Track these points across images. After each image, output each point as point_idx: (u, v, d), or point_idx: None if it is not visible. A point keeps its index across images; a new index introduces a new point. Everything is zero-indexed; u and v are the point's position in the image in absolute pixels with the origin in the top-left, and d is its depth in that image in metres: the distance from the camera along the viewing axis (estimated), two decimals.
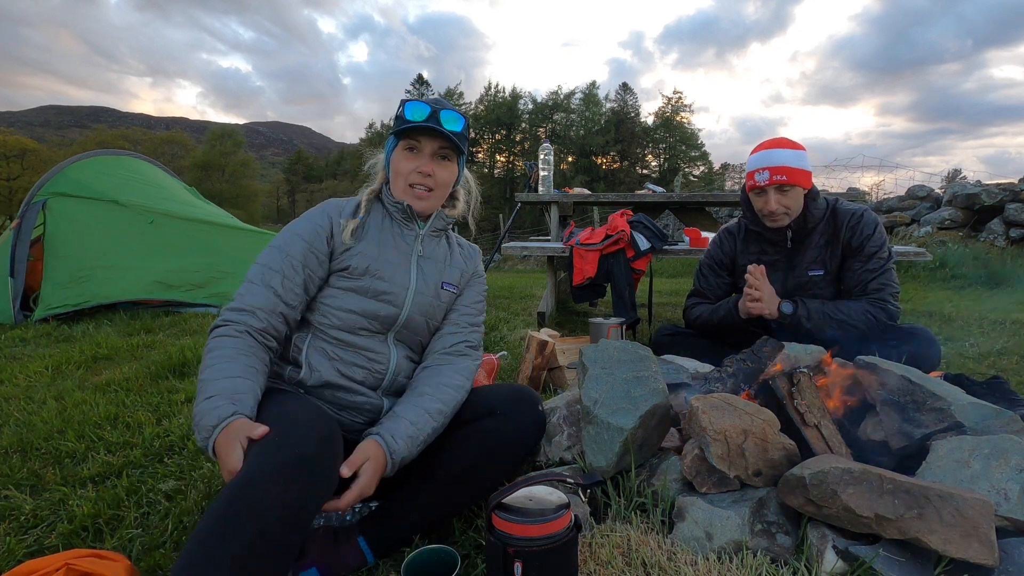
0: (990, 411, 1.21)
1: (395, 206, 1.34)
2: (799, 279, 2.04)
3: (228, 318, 1.17)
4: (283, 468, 0.88)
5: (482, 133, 50.96)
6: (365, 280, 1.28)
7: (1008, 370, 2.47)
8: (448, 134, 1.26)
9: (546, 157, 4.18)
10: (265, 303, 1.19)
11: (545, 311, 3.54)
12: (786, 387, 1.32)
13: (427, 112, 1.26)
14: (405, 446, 1.12)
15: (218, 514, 0.83)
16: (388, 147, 1.38)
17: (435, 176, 1.31)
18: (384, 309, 1.29)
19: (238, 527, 0.82)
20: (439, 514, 1.20)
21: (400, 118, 1.28)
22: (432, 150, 1.30)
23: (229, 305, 1.20)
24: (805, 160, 1.93)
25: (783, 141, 1.96)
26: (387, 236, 1.34)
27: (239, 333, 1.15)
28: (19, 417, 1.96)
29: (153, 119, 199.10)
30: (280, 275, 1.22)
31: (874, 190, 14.05)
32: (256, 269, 1.24)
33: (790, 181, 1.89)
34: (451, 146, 1.31)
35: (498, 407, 1.26)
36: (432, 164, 1.30)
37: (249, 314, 1.17)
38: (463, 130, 1.30)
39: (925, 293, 5.42)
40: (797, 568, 0.99)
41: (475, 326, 1.43)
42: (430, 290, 1.35)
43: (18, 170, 39.15)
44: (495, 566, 0.91)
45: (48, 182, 4.33)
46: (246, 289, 1.21)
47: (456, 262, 1.44)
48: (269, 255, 1.25)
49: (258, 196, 50.31)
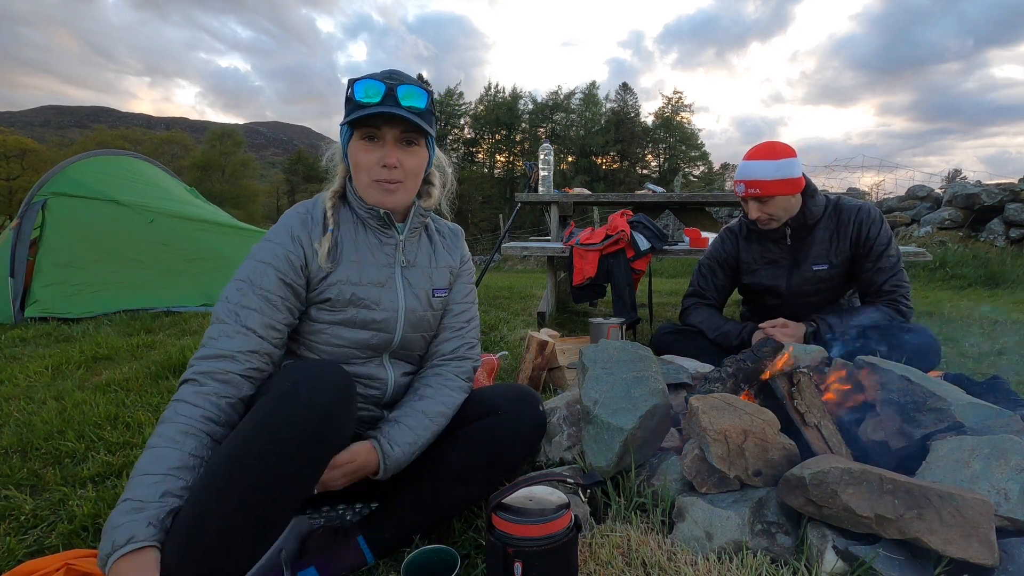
0: (990, 411, 1.21)
1: (369, 213, 1.19)
2: (804, 274, 2.06)
3: (202, 370, 1.02)
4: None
5: (482, 133, 50.94)
6: (350, 311, 1.17)
7: (1008, 370, 2.46)
8: (409, 117, 1.09)
9: (546, 157, 4.18)
10: (244, 345, 1.05)
11: (545, 311, 3.54)
12: (786, 387, 1.32)
13: (382, 91, 1.08)
14: (402, 452, 1.13)
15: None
16: (343, 137, 1.18)
17: (403, 166, 1.14)
18: (376, 337, 1.20)
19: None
20: (439, 514, 1.19)
21: (350, 100, 1.10)
22: (395, 136, 1.12)
23: (200, 352, 1.05)
24: (787, 168, 1.91)
25: (764, 150, 1.95)
26: (364, 251, 1.19)
27: (204, 397, 1.00)
28: (19, 417, 1.96)
29: (153, 119, 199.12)
30: (256, 312, 1.08)
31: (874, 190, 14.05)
32: (225, 307, 1.08)
33: (764, 193, 1.92)
34: (416, 128, 1.13)
35: (498, 407, 1.26)
36: (397, 152, 1.13)
37: (225, 359, 1.03)
38: (428, 105, 1.13)
39: (925, 293, 5.42)
40: (797, 568, 0.99)
41: (470, 322, 1.36)
42: (421, 304, 1.25)
43: (18, 170, 39.14)
44: (495, 566, 0.91)
45: (48, 182, 4.33)
46: (218, 331, 1.06)
47: (442, 259, 1.32)
48: (239, 291, 1.09)
49: (258, 196, 50.30)
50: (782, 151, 1.94)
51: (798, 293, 2.09)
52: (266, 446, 0.90)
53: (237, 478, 0.88)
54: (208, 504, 0.88)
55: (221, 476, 0.89)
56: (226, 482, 0.88)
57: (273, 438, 0.90)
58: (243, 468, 0.89)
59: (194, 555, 0.85)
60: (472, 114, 51.33)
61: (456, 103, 50.35)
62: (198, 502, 0.89)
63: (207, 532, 0.86)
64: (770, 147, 1.96)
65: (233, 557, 0.89)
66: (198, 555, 0.85)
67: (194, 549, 0.85)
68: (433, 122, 1.18)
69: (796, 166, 1.94)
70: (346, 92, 1.12)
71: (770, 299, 2.18)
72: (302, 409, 0.92)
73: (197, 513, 0.87)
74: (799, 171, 1.94)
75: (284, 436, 0.91)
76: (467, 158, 50.19)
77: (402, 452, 1.13)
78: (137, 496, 0.88)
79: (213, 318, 1.10)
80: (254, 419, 0.93)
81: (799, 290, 2.07)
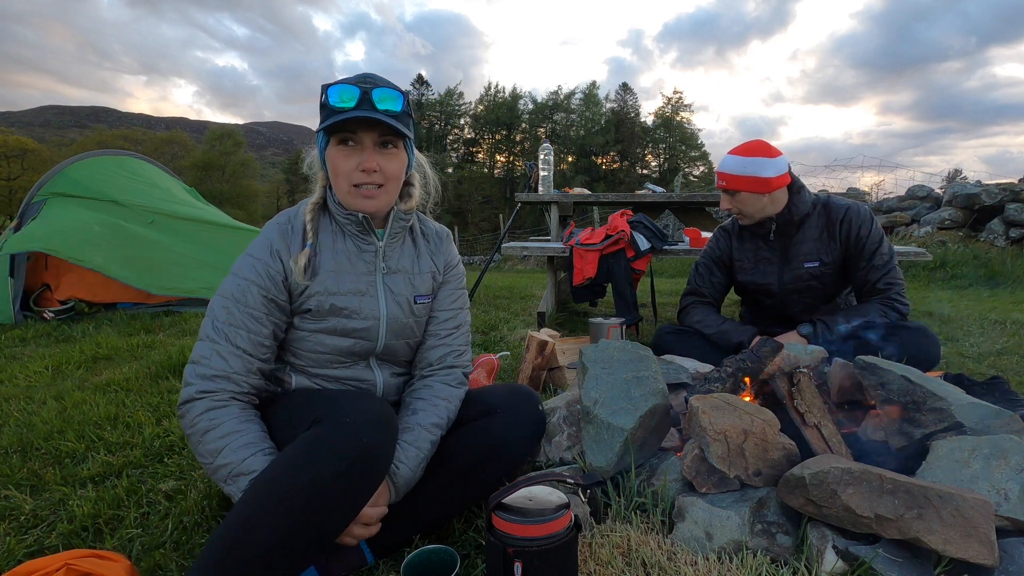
0: (990, 411, 1.21)
1: (347, 218, 1.17)
2: (796, 272, 2.08)
3: (205, 388, 1.06)
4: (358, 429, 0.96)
5: (482, 133, 50.94)
6: (331, 320, 1.18)
7: (1008, 370, 2.46)
8: (386, 120, 1.07)
9: (546, 157, 4.18)
10: (238, 366, 1.09)
11: (545, 311, 3.54)
12: (786, 387, 1.32)
13: (356, 95, 1.07)
14: (408, 470, 1.13)
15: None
16: (320, 144, 1.18)
17: (382, 170, 1.13)
18: (358, 345, 1.22)
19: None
20: (439, 514, 1.19)
21: (325, 106, 1.08)
22: (372, 140, 1.11)
23: (197, 370, 1.08)
24: (753, 166, 1.94)
25: (743, 146, 2.02)
26: (343, 260, 1.19)
27: (225, 402, 1.06)
28: (19, 417, 1.96)
29: (153, 119, 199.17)
30: (244, 330, 1.11)
31: (874, 190, 14.03)
32: (213, 325, 1.11)
33: (730, 187, 2.01)
34: (393, 131, 1.12)
35: (498, 407, 1.26)
36: (375, 157, 1.11)
37: (224, 379, 1.08)
38: (404, 108, 1.11)
39: (925, 293, 5.42)
40: (797, 568, 0.99)
41: (457, 328, 1.34)
42: (403, 311, 1.25)
43: (18, 170, 39.14)
44: (495, 566, 0.91)
45: (48, 182, 4.33)
46: (209, 350, 1.09)
47: (424, 264, 1.30)
48: (224, 308, 1.11)
49: (258, 196, 50.30)
50: (756, 149, 1.97)
51: (790, 291, 2.11)
52: (312, 477, 0.90)
53: (279, 507, 0.89)
54: (245, 531, 0.88)
55: (261, 502, 0.90)
56: (268, 509, 0.89)
57: (319, 471, 0.91)
58: (286, 497, 0.89)
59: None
60: (472, 114, 51.36)
61: (456, 103, 50.39)
62: (233, 527, 0.89)
63: (242, 561, 0.86)
64: (749, 145, 2.01)
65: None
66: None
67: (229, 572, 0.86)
68: (410, 124, 1.17)
69: (766, 166, 1.94)
70: (320, 98, 1.10)
71: (764, 298, 2.19)
72: (354, 444, 0.94)
73: (233, 539, 0.88)
74: (771, 172, 1.94)
75: (332, 469, 0.91)
76: (467, 158, 50.20)
77: (408, 470, 1.13)
78: (229, 460, 1.01)
79: (202, 334, 1.12)
80: (298, 450, 0.94)
81: (791, 288, 2.10)
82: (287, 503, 0.89)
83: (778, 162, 1.96)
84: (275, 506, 0.89)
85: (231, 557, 0.86)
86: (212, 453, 1.03)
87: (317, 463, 0.91)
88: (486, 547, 0.96)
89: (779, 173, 1.96)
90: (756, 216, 2.04)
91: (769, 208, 2.01)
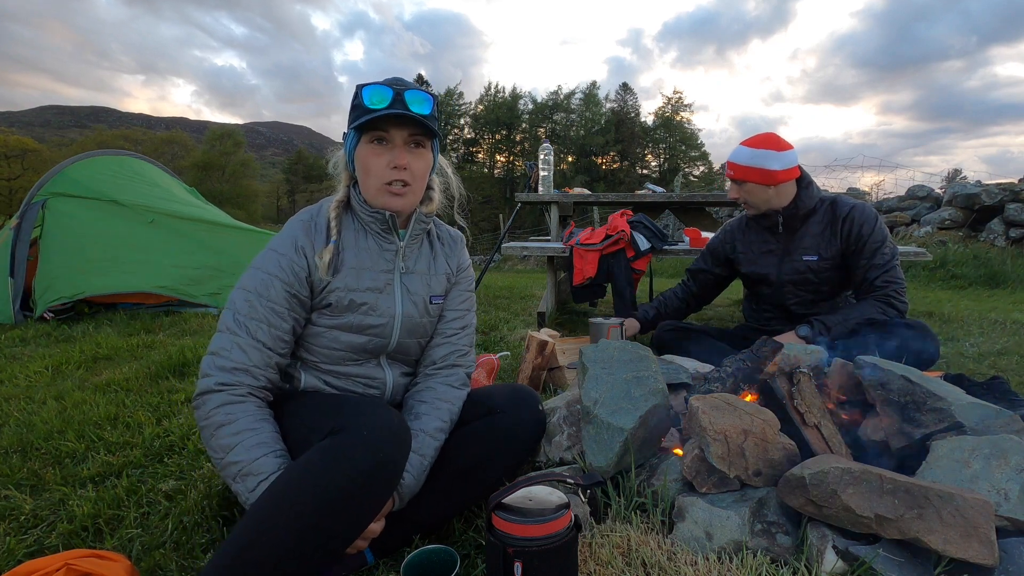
0: (990, 411, 1.21)
1: (372, 216, 1.20)
2: (795, 264, 2.12)
3: (224, 381, 1.07)
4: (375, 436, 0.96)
5: (482, 133, 50.93)
6: (348, 316, 1.19)
7: (1008, 370, 2.46)
8: (419, 118, 1.12)
9: (546, 157, 4.18)
10: (258, 359, 1.10)
11: (545, 311, 3.54)
12: (786, 387, 1.32)
13: (390, 96, 1.11)
14: (414, 480, 1.13)
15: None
16: (348, 144, 1.21)
17: (411, 168, 1.16)
18: (372, 342, 1.23)
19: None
20: (439, 514, 1.19)
21: (359, 107, 1.12)
22: (403, 139, 1.15)
23: (216, 362, 1.09)
24: (761, 158, 2.00)
25: (754, 138, 2.06)
26: (365, 258, 1.21)
27: (242, 397, 1.07)
28: (19, 417, 1.96)
29: (153, 119, 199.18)
30: (266, 324, 1.12)
31: (874, 190, 14.04)
32: (234, 318, 1.11)
33: (737, 177, 2.07)
34: (423, 131, 1.16)
35: (498, 407, 1.26)
36: (406, 154, 1.15)
37: (243, 372, 1.09)
38: (432, 111, 1.15)
39: (925, 293, 5.42)
40: (797, 568, 0.99)
41: (463, 329, 1.36)
42: (418, 310, 1.27)
43: (18, 170, 39.13)
44: (495, 566, 0.91)
45: (48, 182, 4.33)
46: (229, 342, 1.10)
47: (440, 267, 1.33)
48: (246, 301, 1.12)
49: (258, 196, 50.34)
50: (766, 142, 2.01)
51: (787, 282, 2.15)
52: (327, 485, 0.91)
53: (292, 511, 0.89)
54: (258, 533, 0.88)
55: (276, 506, 0.90)
56: (283, 512, 0.89)
57: (334, 480, 0.91)
58: (299, 503, 0.89)
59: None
60: (472, 114, 51.35)
61: (456, 103, 50.35)
62: (248, 529, 0.89)
63: (253, 563, 0.86)
64: (760, 137, 2.05)
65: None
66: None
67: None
68: (439, 127, 1.20)
69: (773, 159, 1.98)
70: (353, 99, 1.14)
71: (763, 288, 2.25)
72: (372, 457, 0.94)
73: (247, 541, 0.88)
74: (777, 165, 1.99)
75: (347, 480, 0.92)
76: (467, 158, 50.15)
77: (413, 479, 1.13)
78: (240, 459, 1.01)
79: (222, 326, 1.12)
80: (315, 458, 0.94)
81: (788, 279, 2.14)
82: (299, 508, 0.89)
83: (785, 156, 1.99)
84: (288, 510, 0.89)
85: (243, 558, 0.86)
86: (224, 448, 1.03)
87: (333, 472, 0.91)
88: (486, 547, 0.96)
89: (785, 167, 2.00)
90: (762, 207, 2.09)
91: (775, 200, 2.06)
